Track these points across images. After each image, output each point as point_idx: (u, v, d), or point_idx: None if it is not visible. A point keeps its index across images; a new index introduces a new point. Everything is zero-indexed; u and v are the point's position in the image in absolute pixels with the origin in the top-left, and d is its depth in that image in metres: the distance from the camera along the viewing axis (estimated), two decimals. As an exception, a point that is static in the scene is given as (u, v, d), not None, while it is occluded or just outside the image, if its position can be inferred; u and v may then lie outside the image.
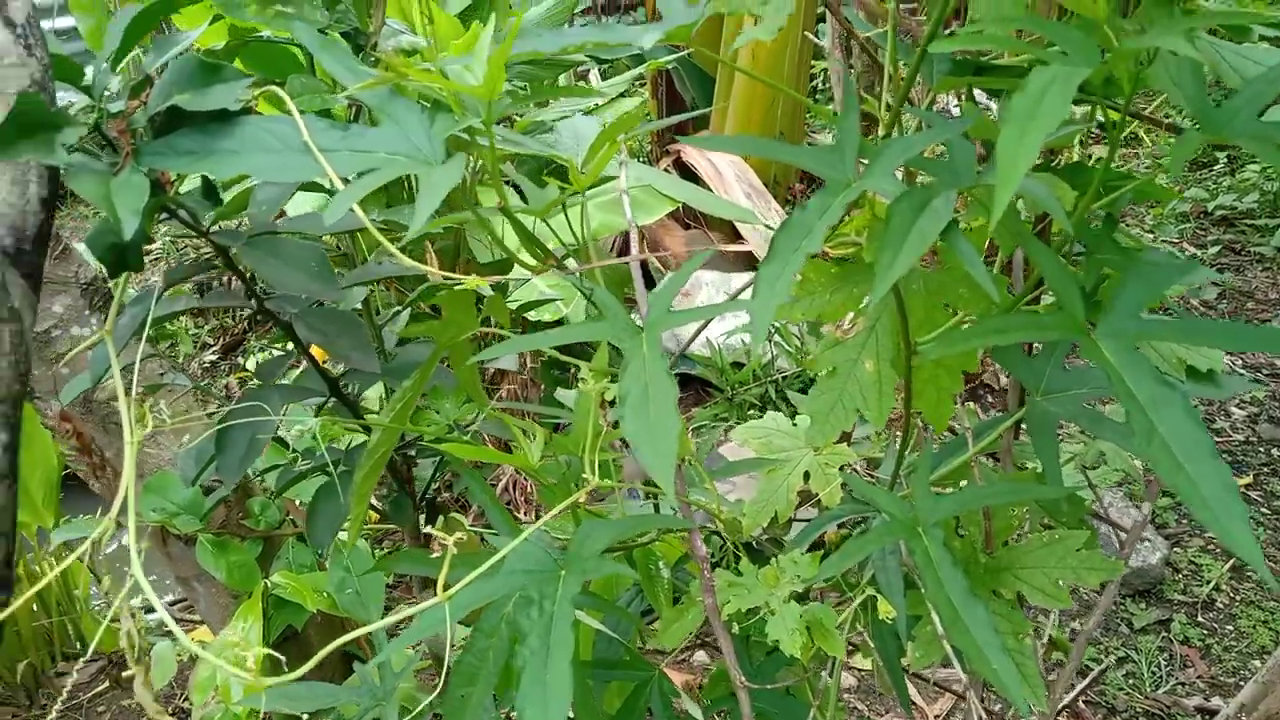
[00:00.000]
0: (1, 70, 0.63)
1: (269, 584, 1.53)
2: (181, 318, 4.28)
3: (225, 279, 2.88)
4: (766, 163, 3.70)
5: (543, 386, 2.88)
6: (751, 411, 2.90)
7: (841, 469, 1.05)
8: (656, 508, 1.15)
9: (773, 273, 0.65)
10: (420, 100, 0.77)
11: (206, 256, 0.87)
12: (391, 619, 0.83)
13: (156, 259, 4.62)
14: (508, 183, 1.15)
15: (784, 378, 2.98)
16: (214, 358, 4.30)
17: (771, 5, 0.66)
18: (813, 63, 4.41)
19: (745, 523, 1.05)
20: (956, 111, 1.02)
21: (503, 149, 0.81)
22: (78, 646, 2.56)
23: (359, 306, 1.02)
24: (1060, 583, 0.90)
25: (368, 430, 1.05)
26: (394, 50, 1.08)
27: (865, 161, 0.70)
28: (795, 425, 1.13)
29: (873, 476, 1.10)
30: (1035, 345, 1.05)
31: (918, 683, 2.37)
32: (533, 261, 0.81)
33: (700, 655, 2.51)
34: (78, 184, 0.66)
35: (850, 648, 0.97)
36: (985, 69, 0.86)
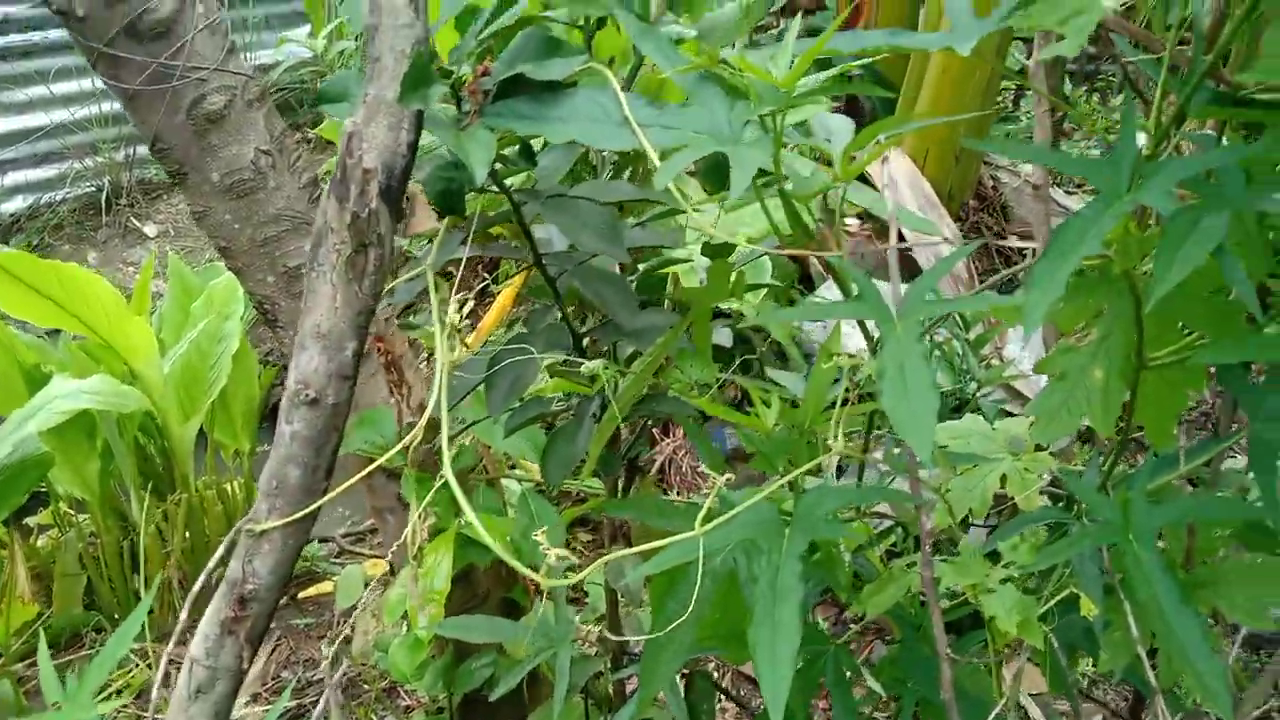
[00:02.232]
0: (398, 30, 0.74)
1: (460, 522, 1.65)
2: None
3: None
4: (943, 176, 3.70)
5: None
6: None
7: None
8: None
9: (1047, 270, 0.71)
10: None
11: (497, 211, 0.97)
12: (597, 565, 0.93)
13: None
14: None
15: (943, 394, 2.98)
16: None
17: (1074, 25, 0.72)
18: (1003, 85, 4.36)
19: (938, 517, 1.10)
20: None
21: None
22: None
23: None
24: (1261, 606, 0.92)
25: (591, 384, 1.14)
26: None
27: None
28: (995, 430, 1.18)
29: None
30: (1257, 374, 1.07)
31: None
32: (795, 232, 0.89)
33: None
34: (437, 132, 0.77)
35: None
36: (1244, 102, 0.90)
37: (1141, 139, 0.86)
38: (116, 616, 2.26)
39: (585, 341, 1.10)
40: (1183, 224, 0.70)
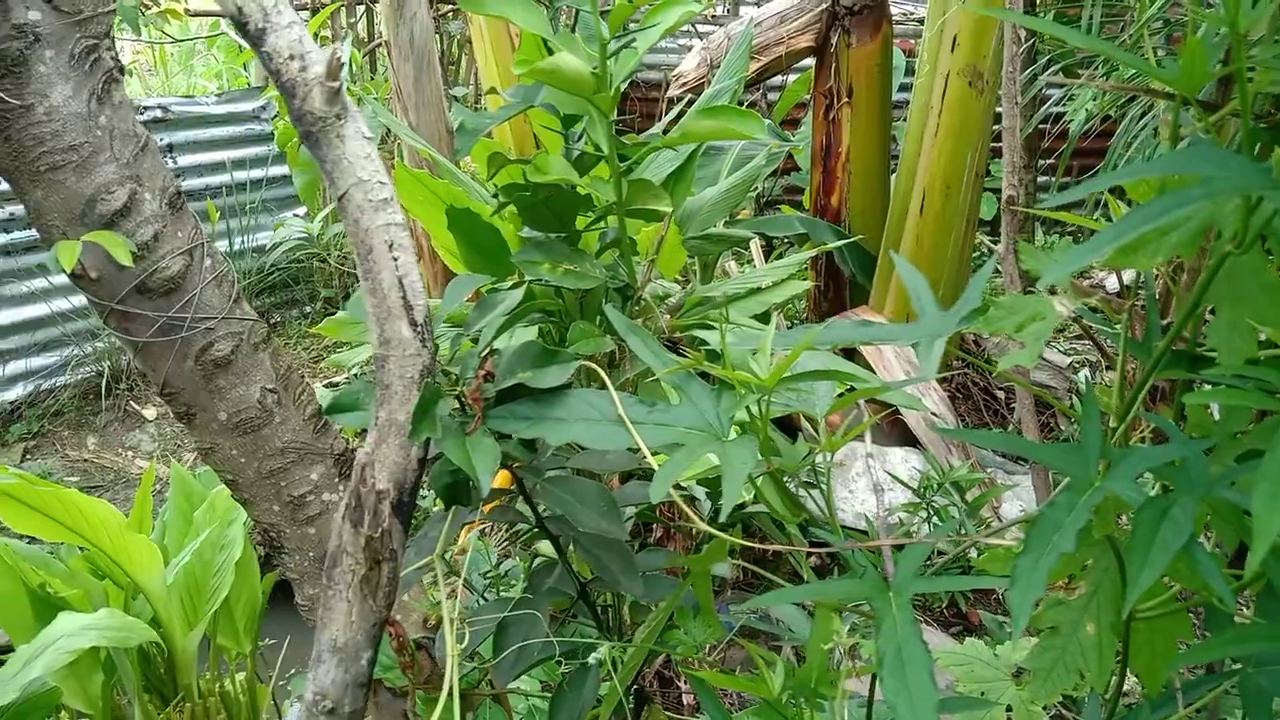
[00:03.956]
0: (405, 359, 0.79)
1: (469, 745, 1.64)
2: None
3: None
4: (925, 339, 3.79)
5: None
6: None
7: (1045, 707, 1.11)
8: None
9: (1028, 565, 0.75)
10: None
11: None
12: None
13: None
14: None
15: (941, 556, 2.99)
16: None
17: (1030, 330, 0.78)
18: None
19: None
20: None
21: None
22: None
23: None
24: None
25: (599, 628, 1.16)
26: (651, 295, 1.24)
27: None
28: (997, 656, 1.20)
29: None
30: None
31: None
32: (785, 512, 0.93)
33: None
34: (445, 448, 0.81)
35: None
36: (1200, 359, 0.95)
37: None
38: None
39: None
40: (1151, 516, 0.74)
